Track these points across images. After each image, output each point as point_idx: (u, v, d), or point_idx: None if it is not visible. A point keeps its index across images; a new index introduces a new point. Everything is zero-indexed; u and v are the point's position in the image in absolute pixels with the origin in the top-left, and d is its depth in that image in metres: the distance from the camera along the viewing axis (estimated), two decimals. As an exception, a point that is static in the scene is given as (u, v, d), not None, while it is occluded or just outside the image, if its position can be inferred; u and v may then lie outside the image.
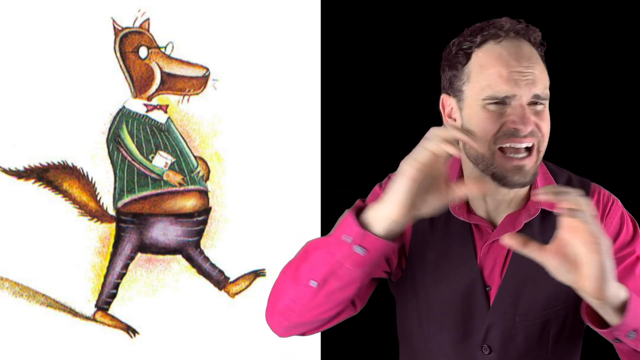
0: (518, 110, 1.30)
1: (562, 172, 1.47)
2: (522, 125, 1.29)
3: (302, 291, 1.28)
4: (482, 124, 1.32)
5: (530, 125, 1.29)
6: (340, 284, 1.24)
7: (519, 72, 1.30)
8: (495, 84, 1.31)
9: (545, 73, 1.34)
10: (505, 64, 1.31)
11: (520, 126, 1.29)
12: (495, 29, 1.35)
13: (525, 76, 1.30)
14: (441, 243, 1.42)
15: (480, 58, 1.35)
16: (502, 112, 1.31)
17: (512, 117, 1.30)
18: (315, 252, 1.28)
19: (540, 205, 1.38)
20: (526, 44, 1.35)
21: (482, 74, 1.33)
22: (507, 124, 1.30)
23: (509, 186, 1.32)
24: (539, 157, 1.33)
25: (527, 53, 1.33)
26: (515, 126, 1.30)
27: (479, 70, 1.34)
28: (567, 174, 1.47)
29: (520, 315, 1.39)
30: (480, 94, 1.33)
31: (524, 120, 1.29)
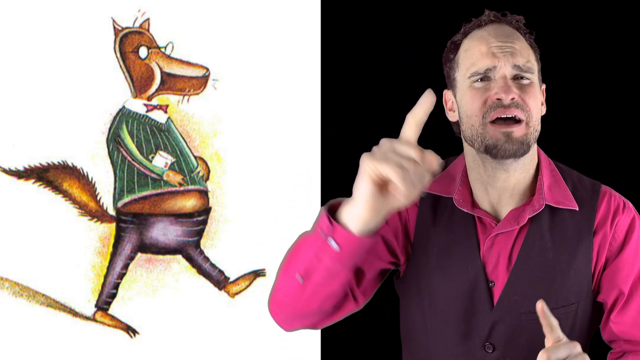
0: (500, 81, 1.35)
1: (571, 172, 1.48)
2: (504, 93, 1.34)
3: (290, 284, 1.27)
4: (470, 102, 1.38)
5: (512, 94, 1.34)
6: (322, 277, 1.23)
7: (498, 46, 1.37)
8: (477, 60, 1.38)
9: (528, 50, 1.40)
10: (485, 42, 1.39)
11: (502, 95, 1.34)
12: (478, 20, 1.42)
13: (503, 49, 1.37)
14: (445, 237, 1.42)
15: (465, 44, 1.42)
16: (487, 88, 1.36)
17: (495, 89, 1.35)
18: (300, 246, 1.28)
19: (544, 200, 1.38)
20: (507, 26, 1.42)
21: (467, 56, 1.40)
22: (492, 96, 1.35)
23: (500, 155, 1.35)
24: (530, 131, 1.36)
25: (507, 31, 1.41)
26: (497, 96, 1.35)
27: (464, 55, 1.41)
28: (575, 174, 1.48)
29: (526, 314, 1.38)
30: (466, 74, 1.39)
31: (504, 89, 1.34)
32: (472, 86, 1.39)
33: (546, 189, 1.41)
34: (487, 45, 1.38)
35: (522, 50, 1.39)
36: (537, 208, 1.39)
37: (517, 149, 1.36)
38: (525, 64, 1.37)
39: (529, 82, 1.37)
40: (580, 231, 1.40)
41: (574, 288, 1.39)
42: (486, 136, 1.37)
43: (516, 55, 1.37)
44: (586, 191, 1.45)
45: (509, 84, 1.35)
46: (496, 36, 1.40)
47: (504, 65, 1.36)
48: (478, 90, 1.38)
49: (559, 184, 1.43)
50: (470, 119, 1.39)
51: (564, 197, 1.41)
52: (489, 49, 1.38)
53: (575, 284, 1.39)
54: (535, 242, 1.39)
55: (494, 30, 1.41)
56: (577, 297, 1.40)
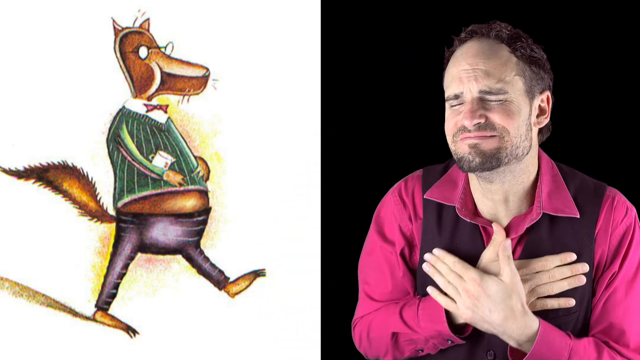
0: (466, 107, 1.35)
1: (575, 175, 1.46)
2: (467, 120, 1.34)
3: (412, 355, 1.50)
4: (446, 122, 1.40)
5: (475, 119, 1.33)
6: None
7: (465, 69, 1.36)
8: (449, 83, 1.39)
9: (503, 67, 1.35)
10: (456, 64, 1.38)
11: (466, 122, 1.34)
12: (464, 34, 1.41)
13: (469, 73, 1.35)
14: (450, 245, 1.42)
15: (449, 64, 1.42)
16: (459, 110, 1.37)
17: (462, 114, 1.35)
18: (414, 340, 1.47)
19: (542, 209, 1.37)
20: (485, 42, 1.38)
21: (445, 77, 1.43)
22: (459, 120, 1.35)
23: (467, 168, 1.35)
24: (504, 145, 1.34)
25: (479, 49, 1.37)
26: (462, 122, 1.34)
27: (445, 76, 1.43)
28: (580, 177, 1.46)
29: None
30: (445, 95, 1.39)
31: (467, 115, 1.34)
32: (449, 108, 1.40)
33: (545, 196, 1.39)
34: (457, 69, 1.37)
35: (493, 70, 1.34)
36: (534, 217, 1.38)
37: (482, 161, 1.34)
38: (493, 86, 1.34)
39: (500, 102, 1.34)
40: (581, 239, 1.38)
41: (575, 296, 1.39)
42: (457, 151, 1.38)
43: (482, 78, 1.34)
44: (589, 196, 1.42)
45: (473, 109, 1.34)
46: (466, 57, 1.37)
47: (469, 90, 1.35)
48: (452, 112, 1.39)
49: (560, 189, 1.41)
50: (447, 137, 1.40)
51: (563, 205, 1.39)
52: (457, 73, 1.37)
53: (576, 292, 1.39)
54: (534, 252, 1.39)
55: (468, 50, 1.39)
56: (579, 305, 1.39)
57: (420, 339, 1.42)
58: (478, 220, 1.40)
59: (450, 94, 1.37)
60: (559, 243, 1.38)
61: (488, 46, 1.37)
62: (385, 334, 1.47)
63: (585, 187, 1.43)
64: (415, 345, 1.44)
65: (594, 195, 1.41)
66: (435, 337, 1.38)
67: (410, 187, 1.51)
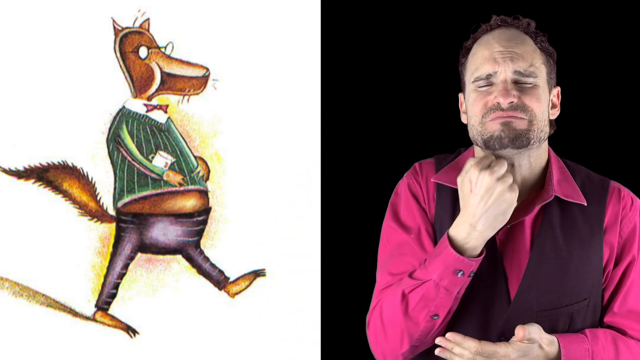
0: (500, 86, 1.37)
1: (580, 169, 1.50)
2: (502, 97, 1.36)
3: (427, 328, 1.41)
4: (473, 104, 1.41)
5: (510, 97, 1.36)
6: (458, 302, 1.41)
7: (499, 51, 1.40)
8: (480, 65, 1.41)
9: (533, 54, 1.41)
10: (488, 47, 1.42)
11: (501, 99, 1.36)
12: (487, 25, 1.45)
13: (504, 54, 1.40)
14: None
15: (473, 49, 1.44)
16: (489, 92, 1.39)
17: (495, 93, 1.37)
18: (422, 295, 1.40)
19: (554, 192, 1.40)
20: (514, 30, 1.44)
21: (472, 60, 1.44)
22: (491, 99, 1.37)
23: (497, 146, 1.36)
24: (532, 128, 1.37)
25: (512, 35, 1.44)
26: (496, 100, 1.37)
27: (471, 59, 1.44)
28: (585, 171, 1.50)
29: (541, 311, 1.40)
30: (470, 78, 1.43)
31: (502, 93, 1.36)
32: (476, 90, 1.42)
33: (555, 182, 1.43)
34: (490, 50, 1.41)
35: (525, 55, 1.41)
36: (546, 198, 1.42)
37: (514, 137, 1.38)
38: (527, 69, 1.40)
39: (531, 85, 1.39)
40: (591, 227, 1.42)
41: (586, 284, 1.41)
42: (484, 131, 1.39)
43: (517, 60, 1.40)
44: (595, 188, 1.47)
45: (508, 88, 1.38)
46: (499, 41, 1.42)
47: (504, 70, 1.39)
48: (480, 94, 1.41)
49: (568, 179, 1.46)
50: (472, 119, 1.42)
51: (572, 192, 1.44)
52: (491, 54, 1.41)
53: (587, 280, 1.41)
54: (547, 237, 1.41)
55: (499, 35, 1.44)
56: (589, 292, 1.42)
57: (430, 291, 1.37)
58: None
59: (482, 74, 1.40)
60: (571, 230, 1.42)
61: (517, 34, 1.44)
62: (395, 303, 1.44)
63: (591, 179, 1.48)
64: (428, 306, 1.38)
65: (600, 186, 1.46)
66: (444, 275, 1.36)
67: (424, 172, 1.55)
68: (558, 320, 1.39)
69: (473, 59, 1.45)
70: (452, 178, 1.45)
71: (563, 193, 1.41)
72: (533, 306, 1.39)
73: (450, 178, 1.46)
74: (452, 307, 1.38)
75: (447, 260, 1.35)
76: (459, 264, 1.34)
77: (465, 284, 1.37)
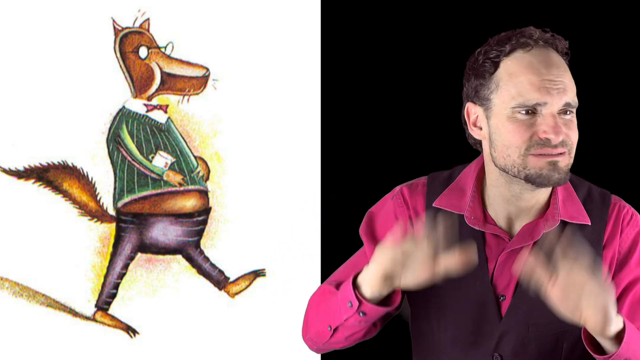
0: (549, 119, 1.29)
1: (582, 184, 1.46)
2: (554, 135, 1.28)
3: (322, 331, 1.40)
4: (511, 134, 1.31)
5: (562, 135, 1.29)
6: (352, 331, 1.38)
7: (550, 80, 1.30)
8: (526, 91, 1.30)
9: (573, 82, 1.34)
10: (535, 71, 1.31)
11: (552, 136, 1.29)
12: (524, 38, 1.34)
13: (556, 84, 1.29)
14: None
15: (509, 66, 1.34)
16: (532, 122, 1.30)
17: (543, 127, 1.29)
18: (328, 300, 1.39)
19: (560, 216, 1.37)
20: (554, 53, 1.34)
21: (512, 82, 1.32)
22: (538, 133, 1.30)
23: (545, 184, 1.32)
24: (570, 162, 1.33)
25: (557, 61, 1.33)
26: (546, 135, 1.29)
27: (509, 79, 1.33)
28: (587, 186, 1.46)
29: (534, 326, 1.38)
30: (510, 102, 1.32)
31: (555, 130, 1.28)
32: (515, 117, 1.32)
33: (561, 203, 1.39)
34: (539, 77, 1.30)
35: (571, 85, 1.31)
36: (553, 224, 1.37)
37: (561, 177, 1.32)
38: (573, 100, 1.32)
39: (571, 116, 1.33)
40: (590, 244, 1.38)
41: None
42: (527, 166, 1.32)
43: (567, 91, 1.30)
44: (596, 204, 1.43)
45: (559, 124, 1.29)
46: (547, 66, 1.31)
47: (555, 103, 1.30)
48: (522, 124, 1.31)
49: (572, 197, 1.42)
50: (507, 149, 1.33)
51: (577, 212, 1.40)
52: (541, 82, 1.30)
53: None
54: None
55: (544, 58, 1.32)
56: None
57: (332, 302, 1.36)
58: (489, 227, 1.40)
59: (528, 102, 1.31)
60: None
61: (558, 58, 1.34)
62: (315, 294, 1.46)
63: (592, 196, 1.44)
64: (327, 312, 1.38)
65: (600, 203, 1.42)
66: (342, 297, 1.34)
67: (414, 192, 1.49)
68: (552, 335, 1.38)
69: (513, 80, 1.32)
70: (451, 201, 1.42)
71: (568, 215, 1.37)
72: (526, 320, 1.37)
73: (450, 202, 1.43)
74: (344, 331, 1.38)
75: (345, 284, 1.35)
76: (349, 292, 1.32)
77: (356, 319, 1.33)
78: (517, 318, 1.38)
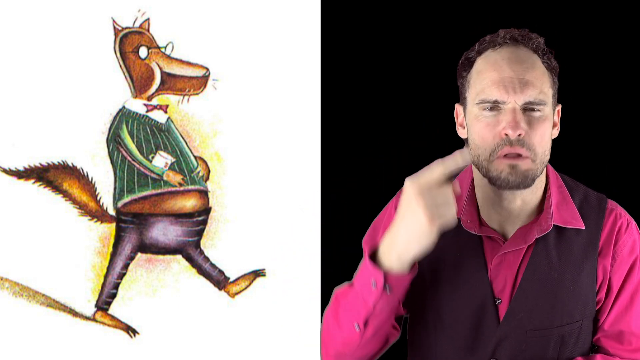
0: (508, 115, 1.31)
1: (579, 187, 1.47)
2: (511, 130, 1.30)
3: (349, 335, 1.38)
4: (479, 134, 1.35)
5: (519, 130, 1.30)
6: (380, 320, 1.35)
7: (510, 77, 1.31)
8: (488, 88, 1.33)
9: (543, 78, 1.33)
10: (497, 69, 1.33)
11: (510, 131, 1.31)
12: (494, 37, 1.37)
13: (514, 82, 1.31)
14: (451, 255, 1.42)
15: (478, 65, 1.37)
16: (496, 121, 1.32)
17: (503, 124, 1.31)
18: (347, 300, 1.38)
19: (552, 220, 1.37)
20: (523, 50, 1.35)
21: (478, 79, 1.36)
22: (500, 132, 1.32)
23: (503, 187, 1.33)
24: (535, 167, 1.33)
25: (522, 58, 1.34)
26: (505, 131, 1.31)
27: (476, 76, 1.37)
28: (583, 189, 1.47)
29: (531, 331, 1.38)
30: (475, 99, 1.35)
31: (512, 125, 1.30)
32: (481, 114, 1.34)
33: (554, 208, 1.39)
34: (499, 74, 1.32)
35: (536, 81, 1.32)
36: (545, 229, 1.38)
37: (520, 182, 1.33)
38: (537, 97, 1.32)
39: (539, 114, 1.33)
40: (585, 250, 1.39)
41: (578, 306, 1.39)
42: (491, 168, 1.34)
43: (528, 88, 1.31)
44: (592, 208, 1.43)
45: (517, 120, 1.30)
46: (510, 63, 1.32)
47: (515, 99, 1.32)
48: (487, 123, 1.33)
49: (567, 201, 1.42)
50: (478, 149, 1.36)
51: (571, 217, 1.40)
52: (500, 79, 1.31)
53: (579, 302, 1.39)
54: (542, 261, 1.39)
55: (509, 55, 1.34)
56: (581, 314, 1.40)
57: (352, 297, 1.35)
58: (484, 230, 1.40)
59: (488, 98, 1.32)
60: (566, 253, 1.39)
61: (527, 55, 1.35)
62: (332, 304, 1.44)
63: (589, 200, 1.44)
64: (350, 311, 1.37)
65: (597, 208, 1.43)
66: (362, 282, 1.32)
67: None
68: (549, 340, 1.38)
69: (479, 77, 1.36)
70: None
71: (562, 220, 1.38)
72: (524, 325, 1.38)
73: None
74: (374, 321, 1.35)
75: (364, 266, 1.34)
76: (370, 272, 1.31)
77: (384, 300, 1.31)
78: (515, 323, 1.38)
